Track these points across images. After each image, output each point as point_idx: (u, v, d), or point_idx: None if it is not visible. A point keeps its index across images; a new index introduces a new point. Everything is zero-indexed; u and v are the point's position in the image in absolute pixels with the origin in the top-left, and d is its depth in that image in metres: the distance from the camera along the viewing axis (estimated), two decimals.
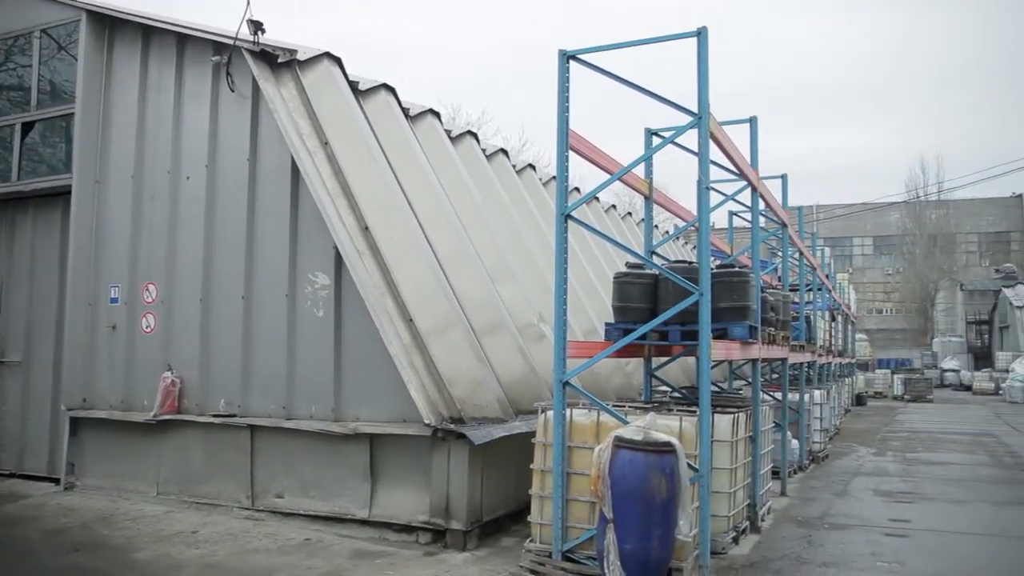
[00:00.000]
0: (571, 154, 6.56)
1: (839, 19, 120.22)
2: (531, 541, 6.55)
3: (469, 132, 11.20)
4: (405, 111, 9.62)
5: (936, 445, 15.94)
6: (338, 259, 7.94)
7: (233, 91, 8.70)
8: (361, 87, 9.08)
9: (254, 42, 8.32)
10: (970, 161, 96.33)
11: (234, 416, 8.47)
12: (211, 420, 8.54)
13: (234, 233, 8.67)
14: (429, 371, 7.61)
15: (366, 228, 8.05)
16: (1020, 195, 62.64)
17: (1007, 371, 34.39)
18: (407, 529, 7.49)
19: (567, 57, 6.44)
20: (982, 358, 47.04)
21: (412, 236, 8.28)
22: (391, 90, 9.35)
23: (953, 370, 42.70)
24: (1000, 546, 7.69)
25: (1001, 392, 33.21)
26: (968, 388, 38.54)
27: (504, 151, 12.08)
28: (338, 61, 8.72)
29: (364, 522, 7.66)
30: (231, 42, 8.45)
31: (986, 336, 51.01)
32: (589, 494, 5.86)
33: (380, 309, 7.62)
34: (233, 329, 8.59)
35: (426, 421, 7.17)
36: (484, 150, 11.41)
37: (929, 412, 25.55)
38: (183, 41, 9.27)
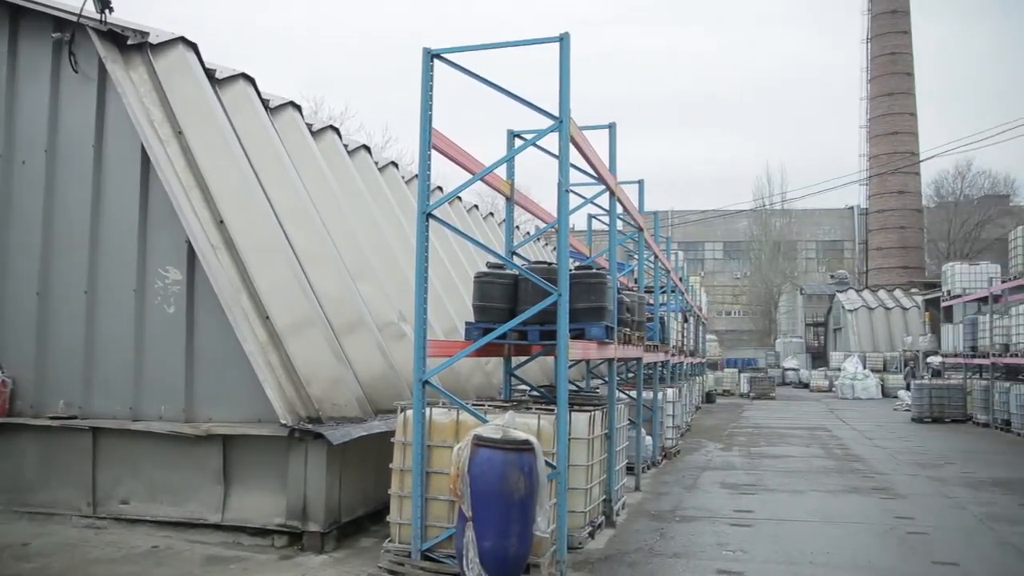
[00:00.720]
0: (434, 153, 6.56)
1: (696, 32, 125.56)
2: (390, 541, 6.51)
3: (331, 127, 10.99)
4: (265, 102, 9.33)
5: (777, 440, 16.90)
6: (191, 253, 7.62)
7: (76, 72, 8.16)
8: (218, 75, 8.74)
9: (101, 20, 7.83)
10: (810, 174, 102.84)
11: (75, 418, 7.96)
12: (48, 423, 7.99)
13: (77, 224, 8.14)
14: (286, 370, 7.42)
15: (221, 222, 7.76)
16: (852, 207, 67.28)
17: (839, 370, 36.91)
18: (262, 532, 7.27)
19: (432, 56, 6.43)
20: (819, 358, 50.22)
21: (270, 231, 8.05)
22: (250, 80, 9.05)
23: (793, 369, 45.36)
24: (831, 530, 8.23)
25: (834, 389, 35.60)
26: (806, 386, 41.06)
27: (367, 147, 11.93)
28: (194, 47, 8.36)
29: (217, 527, 7.38)
30: (74, 19, 7.93)
31: (822, 337, 54.44)
32: (448, 493, 5.87)
33: (235, 306, 7.37)
34: (74, 326, 8.07)
35: (282, 421, 6.99)
36: (346, 146, 11.23)
37: (772, 409, 27.04)
38: (18, 13, 8.58)
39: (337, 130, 11.12)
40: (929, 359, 31.65)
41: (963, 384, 22.49)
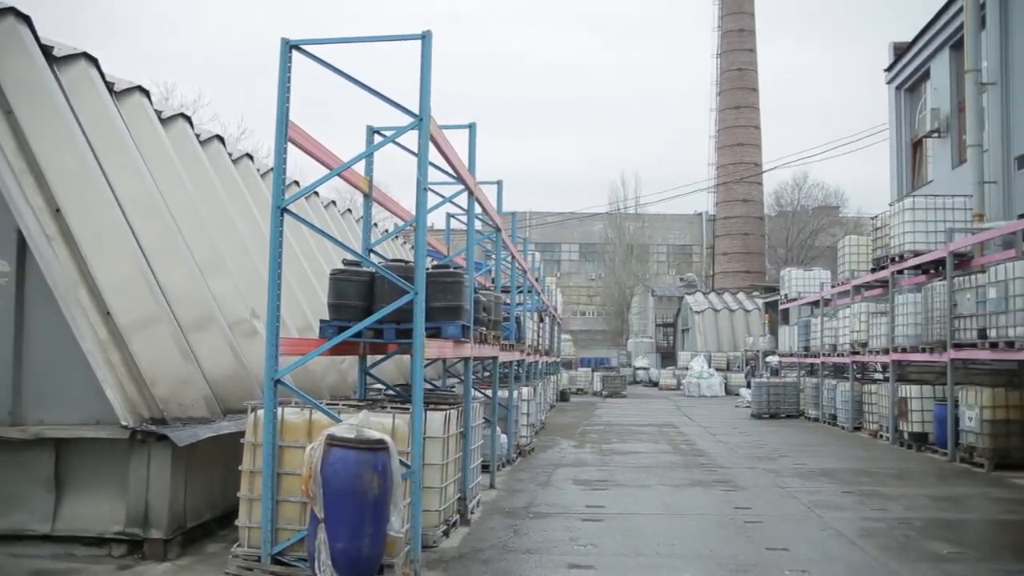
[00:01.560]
0: (291, 146, 6.41)
1: (558, 36, 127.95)
2: (239, 546, 6.30)
3: (182, 115, 10.51)
4: (109, 86, 8.81)
5: (628, 436, 17.48)
6: (21, 243, 7.09)
7: None
8: (57, 53, 8.16)
9: None
10: (663, 180, 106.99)
11: None
12: None
13: None
14: (128, 369, 7.05)
15: (57, 210, 7.27)
16: (701, 213, 70.42)
17: (687, 369, 38.56)
18: (99, 542, 6.86)
19: (290, 46, 6.28)
20: (668, 357, 52.24)
21: (113, 222, 7.61)
22: (92, 60, 8.51)
23: (644, 368, 46.99)
24: (676, 522, 8.59)
25: (682, 387, 37.15)
26: (656, 384, 42.62)
27: (220, 138, 11.48)
28: (27, 20, 7.77)
29: (47, 538, 6.89)
30: None
31: (671, 337, 56.66)
32: (300, 494, 5.75)
33: (72, 301, 6.93)
34: None
35: (123, 423, 6.64)
36: (198, 135, 10.77)
37: (623, 407, 27.93)
38: None
39: (189, 118, 10.65)
40: (768, 358, 33.47)
41: (797, 382, 23.97)
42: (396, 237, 19.50)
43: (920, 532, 8.10)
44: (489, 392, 11.19)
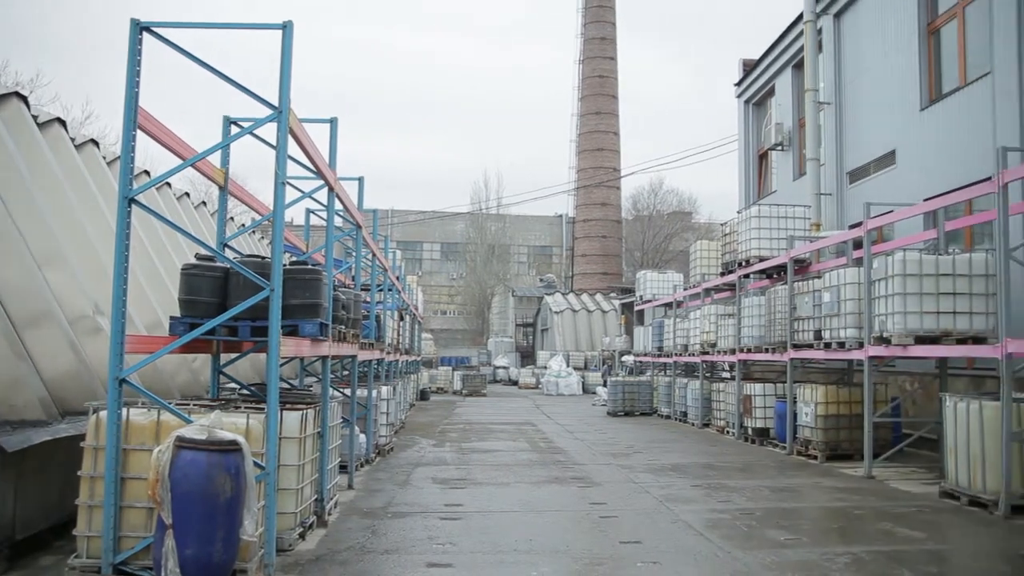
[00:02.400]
0: (141, 134, 6.09)
1: (429, 36, 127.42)
2: (76, 556, 5.93)
3: (16, 94, 9.77)
4: None
5: (487, 435, 17.61)
6: None
7: None
8: None
9: None
10: (525, 181, 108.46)
11: None
12: None
13: None
14: None
15: None
16: (561, 215, 71.87)
17: (546, 368, 39.26)
18: None
19: (140, 28, 5.96)
20: (527, 356, 53.01)
21: None
22: None
23: (504, 367, 47.48)
24: (534, 519, 8.72)
25: (540, 386, 37.77)
26: (515, 383, 43.16)
27: (61, 121, 10.75)
28: None
29: None
30: None
31: (531, 337, 57.51)
32: (147, 499, 5.47)
33: None
34: None
35: None
36: (36, 117, 10.05)
37: (483, 405, 28.12)
38: None
39: (24, 98, 9.92)
40: (624, 358, 34.49)
41: (651, 381, 24.84)
42: (253, 232, 18.88)
43: (761, 521, 8.56)
44: (348, 391, 11.01)
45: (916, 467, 12.40)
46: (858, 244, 13.27)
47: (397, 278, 18.99)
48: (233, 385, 9.11)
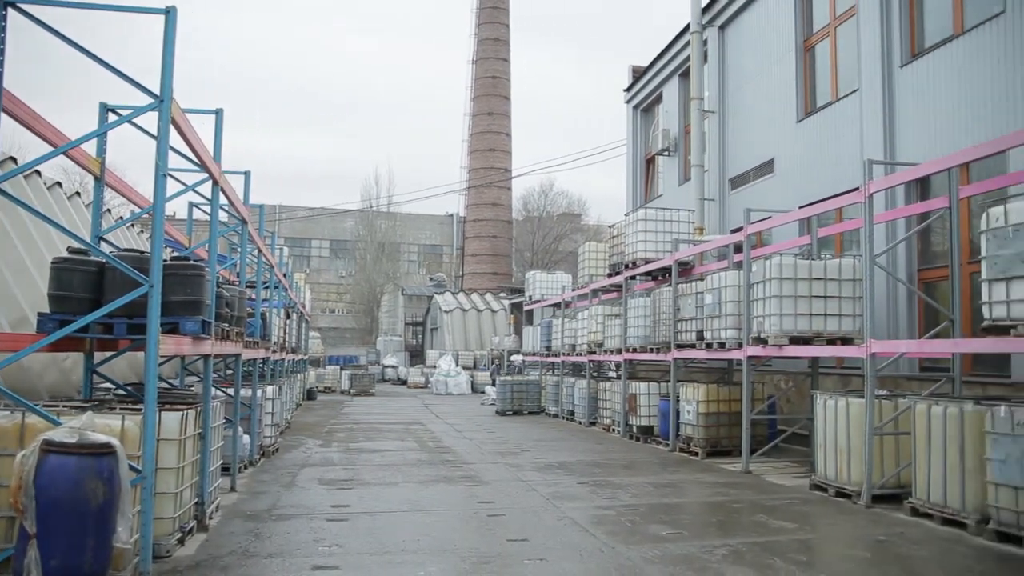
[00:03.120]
0: (6, 118, 5.74)
1: (324, 31, 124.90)
2: None
3: None
4: None
5: (375, 435, 17.43)
6: None
7: None
8: None
9: None
10: (417, 179, 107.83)
11: None
12: None
13: None
14: None
15: None
16: (452, 215, 71.84)
17: (435, 367, 39.15)
18: None
19: (5, 3, 5.62)
20: (416, 356, 52.75)
21: None
22: None
23: (393, 366, 47.10)
24: (422, 518, 8.69)
25: (430, 386, 37.65)
26: (404, 382, 42.88)
27: None
28: None
29: None
30: None
31: (420, 336, 57.26)
32: (9, 508, 5.16)
33: None
34: None
35: None
36: None
37: (371, 405, 27.81)
38: None
39: None
40: (513, 357, 34.77)
41: (539, 380, 25.11)
42: (132, 225, 18.07)
43: (644, 517, 8.79)
44: (231, 391, 10.69)
45: (790, 462, 12.99)
46: (739, 248, 13.82)
47: (284, 275, 18.57)
48: (108, 385, 8.71)
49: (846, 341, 11.11)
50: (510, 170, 59.67)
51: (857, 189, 10.22)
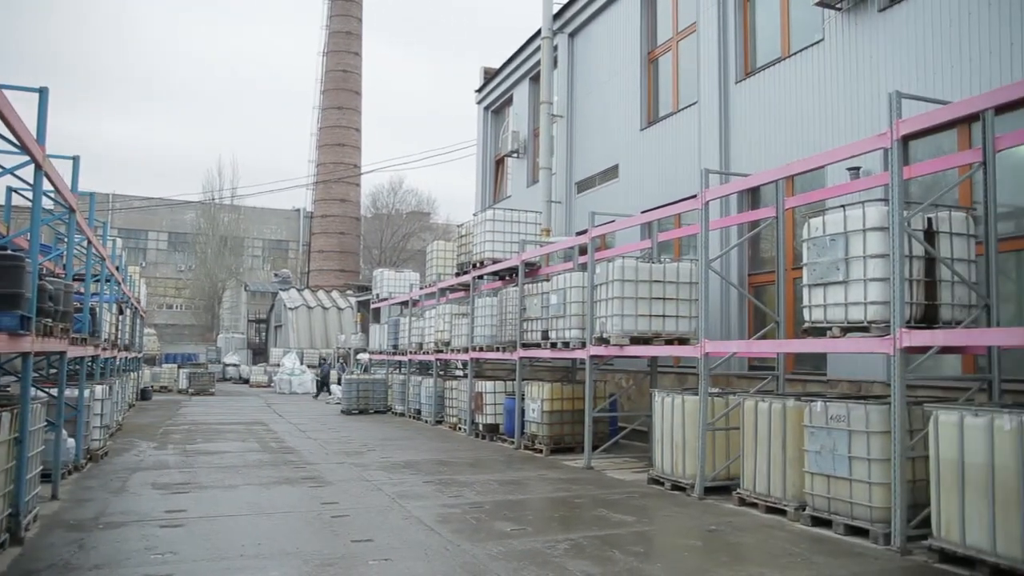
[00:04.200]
0: None
1: (169, 15, 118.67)
2: None
3: None
4: None
5: (215, 436, 16.77)
6: None
7: None
8: None
9: None
10: (263, 172, 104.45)
11: None
12: None
13: None
14: None
15: None
16: (299, 209, 70.09)
17: (279, 365, 38.09)
18: None
19: None
20: (260, 354, 51.18)
21: None
22: None
23: (234, 365, 45.49)
24: (263, 522, 8.44)
25: (273, 384, 36.60)
26: (247, 381, 41.48)
27: None
28: None
29: None
30: None
31: (264, 333, 55.56)
32: None
33: None
34: None
35: None
36: None
37: (211, 404, 26.73)
38: None
39: None
40: (359, 356, 34.33)
41: (386, 379, 24.92)
42: None
43: (489, 514, 8.90)
44: (55, 391, 10.00)
45: (630, 457, 13.49)
46: (583, 250, 14.21)
47: (117, 268, 17.55)
48: None
49: (683, 341, 11.67)
50: (359, 166, 58.83)
51: (695, 197, 10.74)
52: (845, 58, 11.54)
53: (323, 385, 30.83)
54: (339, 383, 28.09)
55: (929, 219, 7.99)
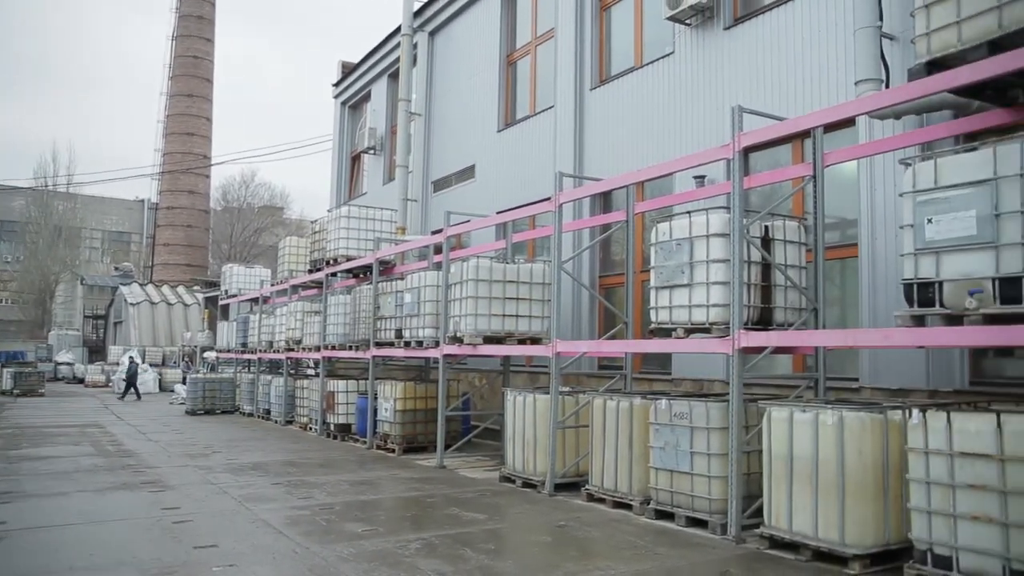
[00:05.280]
0: None
1: None
2: None
3: None
4: None
5: (43, 440, 15.70)
6: None
7: None
8: None
9: None
10: (104, 160, 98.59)
11: None
12: None
13: None
14: None
15: None
16: (143, 200, 66.65)
17: (118, 364, 36.08)
18: None
19: None
20: (97, 352, 48.31)
21: None
22: None
23: (68, 363, 42.75)
24: (97, 531, 7.98)
25: (111, 384, 34.63)
26: (82, 381, 39.04)
27: None
28: None
29: None
30: None
31: (102, 330, 52.53)
32: None
33: None
34: None
35: None
36: None
37: (40, 406, 25.02)
38: None
39: None
40: (206, 354, 33.05)
41: (234, 378, 24.09)
42: None
43: (340, 515, 8.77)
44: None
45: (482, 456, 13.61)
46: (438, 249, 14.23)
47: None
48: None
49: (535, 341, 11.89)
50: (210, 157, 56.56)
51: (549, 199, 10.96)
52: (694, 71, 12.09)
53: (130, 386, 29.16)
54: (184, 383, 26.90)
55: (766, 227, 8.48)
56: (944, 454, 5.79)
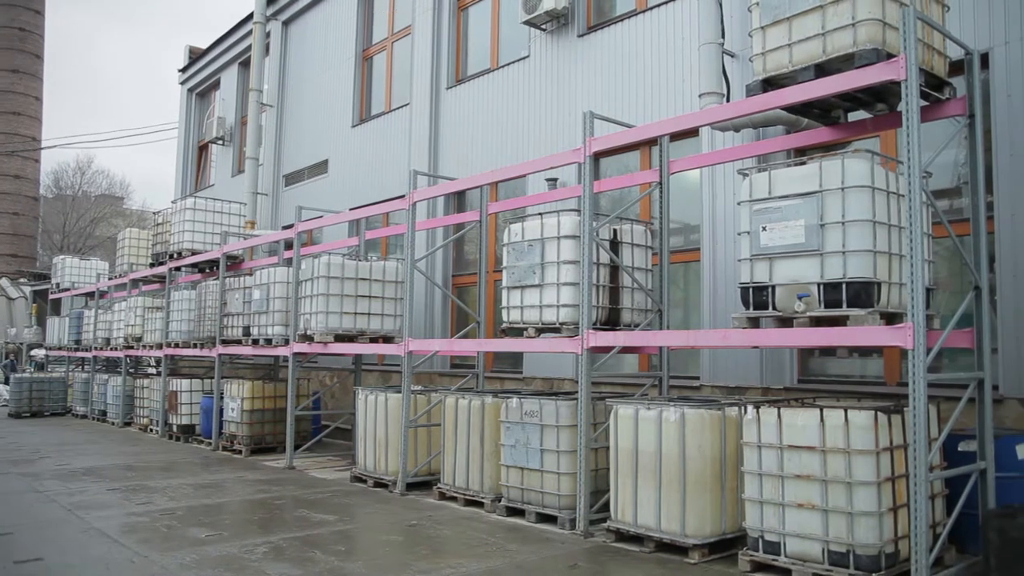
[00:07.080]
0: None
1: None
2: None
3: None
4: None
5: None
6: None
7: None
8: None
9: None
10: None
11: None
12: None
13: None
14: None
15: None
16: None
17: None
18: None
19: None
20: None
21: None
22: None
23: None
24: None
25: None
26: None
27: None
28: None
29: None
30: None
31: None
32: None
33: None
34: None
35: None
36: None
37: None
38: None
39: None
40: (33, 352, 30.95)
41: (65, 377, 22.64)
42: None
43: (182, 520, 8.42)
44: None
45: (333, 456, 13.39)
46: (289, 245, 13.90)
47: None
48: None
49: (388, 339, 11.82)
50: (39, 139, 52.73)
51: (403, 197, 10.93)
52: (548, 76, 12.34)
53: None
54: (6, 383, 25.03)
55: (615, 230, 8.78)
56: (775, 447, 6.20)
